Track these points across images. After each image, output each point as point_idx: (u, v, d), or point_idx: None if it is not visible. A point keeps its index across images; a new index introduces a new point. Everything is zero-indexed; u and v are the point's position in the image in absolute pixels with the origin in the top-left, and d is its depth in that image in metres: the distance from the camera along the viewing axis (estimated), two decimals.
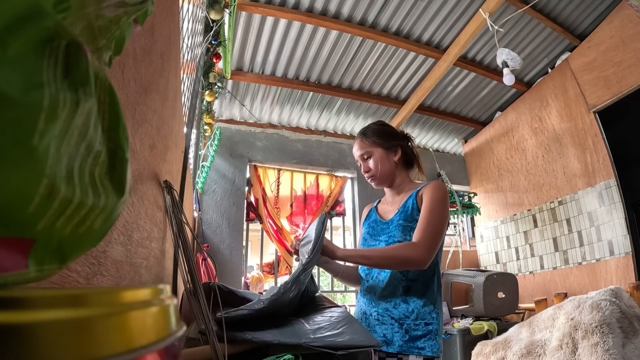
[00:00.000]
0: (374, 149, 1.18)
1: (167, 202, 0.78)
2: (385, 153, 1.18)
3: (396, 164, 1.19)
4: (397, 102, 3.27)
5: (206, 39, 1.95)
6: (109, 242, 0.41)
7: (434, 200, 1.06)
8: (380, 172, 1.17)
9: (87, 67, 0.18)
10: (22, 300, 0.12)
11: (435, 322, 1.02)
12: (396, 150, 1.19)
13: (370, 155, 1.18)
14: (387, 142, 1.18)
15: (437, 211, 1.04)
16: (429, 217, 1.03)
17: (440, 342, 1.01)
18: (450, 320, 2.73)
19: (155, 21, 0.61)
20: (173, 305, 0.19)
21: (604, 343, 1.49)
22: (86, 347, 0.13)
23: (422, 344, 0.99)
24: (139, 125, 0.53)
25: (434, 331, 1.01)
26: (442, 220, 1.04)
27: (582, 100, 2.70)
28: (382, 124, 1.26)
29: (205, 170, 2.57)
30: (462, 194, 3.45)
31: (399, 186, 1.20)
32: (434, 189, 1.08)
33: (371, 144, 1.18)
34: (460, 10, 2.46)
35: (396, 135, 1.23)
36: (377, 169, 1.17)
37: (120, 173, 0.21)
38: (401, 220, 1.11)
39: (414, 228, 1.06)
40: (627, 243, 2.36)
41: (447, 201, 1.08)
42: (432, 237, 1.00)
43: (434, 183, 1.12)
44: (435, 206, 1.05)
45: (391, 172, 1.18)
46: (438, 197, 1.06)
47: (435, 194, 1.07)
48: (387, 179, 1.19)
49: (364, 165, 1.20)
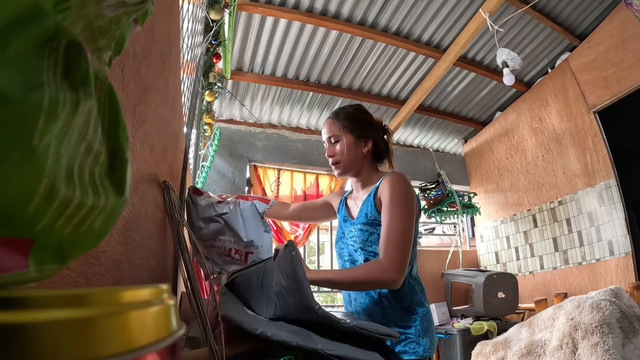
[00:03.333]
0: (343, 134, 1.09)
1: (167, 202, 0.78)
2: (355, 141, 1.09)
3: (364, 156, 1.10)
4: (397, 102, 3.27)
5: (206, 39, 1.95)
6: (109, 242, 0.41)
7: (394, 201, 0.96)
8: (346, 161, 1.09)
9: (87, 67, 0.18)
10: (22, 300, 0.12)
11: (416, 324, 0.98)
12: (367, 141, 1.11)
13: (338, 140, 1.10)
14: (359, 131, 1.10)
15: (400, 216, 0.94)
16: (393, 228, 0.93)
17: (425, 343, 0.97)
18: (450, 320, 2.73)
19: (155, 21, 0.61)
20: (173, 305, 0.19)
21: (604, 343, 1.49)
22: (86, 347, 0.13)
23: (402, 348, 0.96)
24: (139, 125, 0.53)
25: (416, 333, 0.97)
26: (407, 225, 0.94)
27: (582, 100, 2.70)
28: (358, 108, 1.16)
29: (205, 170, 2.57)
30: (462, 194, 3.45)
31: (364, 179, 1.13)
32: (392, 187, 0.98)
33: (341, 128, 1.10)
34: (460, 10, 2.47)
35: (370, 125, 1.13)
36: (343, 156, 1.09)
37: (120, 173, 0.21)
38: (361, 224, 1.04)
39: (375, 232, 1.01)
40: (627, 243, 2.36)
41: (409, 197, 0.97)
42: (401, 252, 0.91)
43: (390, 178, 1.01)
44: (395, 210, 0.95)
45: (357, 162, 1.10)
46: (398, 197, 0.96)
47: (394, 194, 0.97)
48: (351, 169, 1.12)
49: (330, 148, 1.12)
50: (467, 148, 3.91)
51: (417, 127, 3.63)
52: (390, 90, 3.19)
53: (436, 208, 3.24)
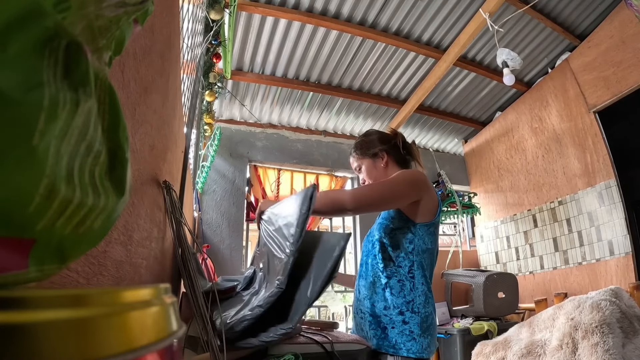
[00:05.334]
0: (362, 161, 1.25)
1: (167, 202, 0.78)
2: (372, 162, 1.24)
3: (385, 169, 1.22)
4: (397, 102, 3.27)
5: (206, 39, 1.95)
6: (109, 242, 0.41)
7: (393, 176, 1.10)
8: (372, 180, 1.23)
9: (87, 67, 0.18)
10: (22, 300, 0.12)
11: (413, 322, 1.01)
12: (381, 155, 1.23)
13: (361, 167, 1.25)
14: (369, 152, 1.24)
15: (387, 180, 1.08)
16: (378, 183, 1.09)
17: (422, 343, 0.99)
18: (450, 320, 2.73)
19: (155, 21, 0.61)
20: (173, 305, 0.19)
21: (604, 343, 1.49)
22: (86, 347, 0.13)
23: (399, 343, 0.99)
24: (139, 125, 0.53)
25: (413, 332, 1.00)
26: (387, 186, 1.05)
27: (582, 100, 2.70)
28: (366, 133, 1.31)
29: (205, 170, 2.57)
30: (462, 194, 3.45)
31: None
32: (399, 172, 1.13)
33: (359, 158, 1.26)
34: (460, 10, 2.46)
35: (377, 142, 1.25)
36: (369, 178, 1.24)
37: (120, 173, 0.21)
38: (381, 219, 1.16)
39: (391, 227, 1.11)
40: (627, 243, 2.36)
41: (406, 181, 1.08)
42: (366, 193, 1.03)
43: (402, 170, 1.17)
44: (390, 179, 1.08)
45: (380, 177, 1.22)
46: (397, 175, 1.10)
47: (397, 174, 1.11)
48: None
49: (360, 177, 1.28)
50: (467, 148, 3.91)
51: (417, 127, 3.63)
52: (390, 90, 3.19)
53: None
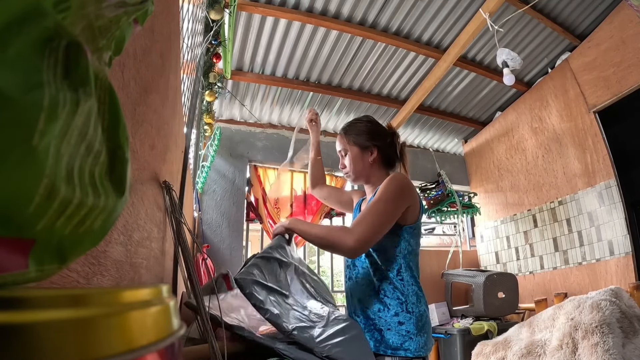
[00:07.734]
0: (350, 147, 1.19)
1: (167, 202, 0.78)
2: (360, 152, 1.18)
3: (371, 164, 1.18)
4: (397, 102, 3.27)
5: (206, 39, 1.95)
6: (109, 242, 0.41)
7: (382, 191, 1.02)
8: (353, 171, 1.18)
9: (87, 67, 0.18)
10: (22, 300, 0.12)
11: (409, 322, 0.99)
12: (372, 151, 1.18)
13: (347, 153, 1.20)
14: (364, 142, 1.18)
15: (382, 202, 0.99)
16: (371, 207, 0.99)
17: (419, 342, 0.98)
18: (450, 320, 2.73)
19: (155, 21, 0.61)
20: (173, 305, 0.19)
21: (604, 343, 1.49)
22: (86, 347, 0.13)
23: (397, 345, 0.97)
24: (139, 125, 0.53)
25: (410, 331, 0.98)
26: (384, 211, 0.98)
27: (582, 100, 2.70)
28: (367, 119, 1.24)
29: (205, 170, 2.57)
30: (462, 194, 3.45)
31: (374, 185, 1.19)
32: (387, 182, 1.05)
33: (348, 142, 1.19)
34: (460, 10, 2.46)
35: (376, 134, 1.20)
36: (351, 168, 1.19)
37: (120, 173, 0.21)
38: None
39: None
40: (627, 243, 2.36)
41: (397, 193, 1.02)
42: (370, 229, 0.95)
43: (391, 175, 1.08)
44: (381, 197, 1.00)
45: (365, 171, 1.18)
46: (387, 189, 1.02)
47: (386, 186, 1.03)
48: (361, 178, 1.20)
49: (341, 161, 1.23)
50: (467, 148, 3.91)
51: (417, 127, 3.62)
52: (390, 90, 3.19)
53: (436, 208, 3.24)
